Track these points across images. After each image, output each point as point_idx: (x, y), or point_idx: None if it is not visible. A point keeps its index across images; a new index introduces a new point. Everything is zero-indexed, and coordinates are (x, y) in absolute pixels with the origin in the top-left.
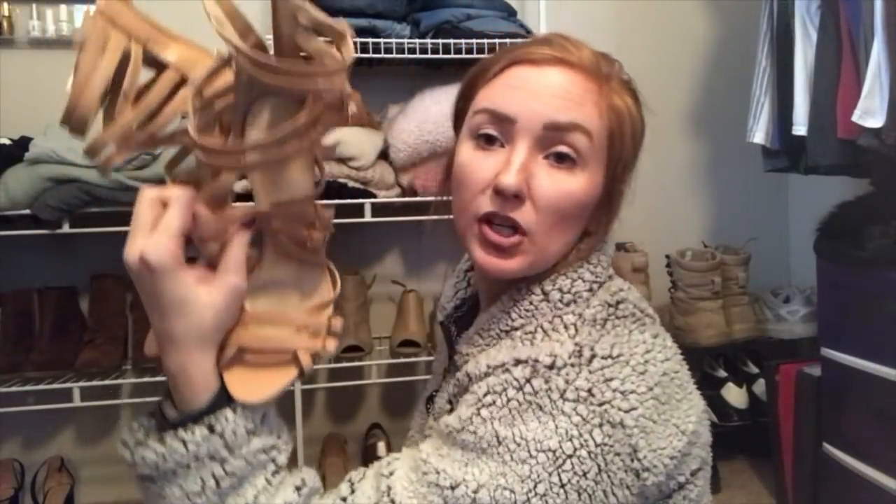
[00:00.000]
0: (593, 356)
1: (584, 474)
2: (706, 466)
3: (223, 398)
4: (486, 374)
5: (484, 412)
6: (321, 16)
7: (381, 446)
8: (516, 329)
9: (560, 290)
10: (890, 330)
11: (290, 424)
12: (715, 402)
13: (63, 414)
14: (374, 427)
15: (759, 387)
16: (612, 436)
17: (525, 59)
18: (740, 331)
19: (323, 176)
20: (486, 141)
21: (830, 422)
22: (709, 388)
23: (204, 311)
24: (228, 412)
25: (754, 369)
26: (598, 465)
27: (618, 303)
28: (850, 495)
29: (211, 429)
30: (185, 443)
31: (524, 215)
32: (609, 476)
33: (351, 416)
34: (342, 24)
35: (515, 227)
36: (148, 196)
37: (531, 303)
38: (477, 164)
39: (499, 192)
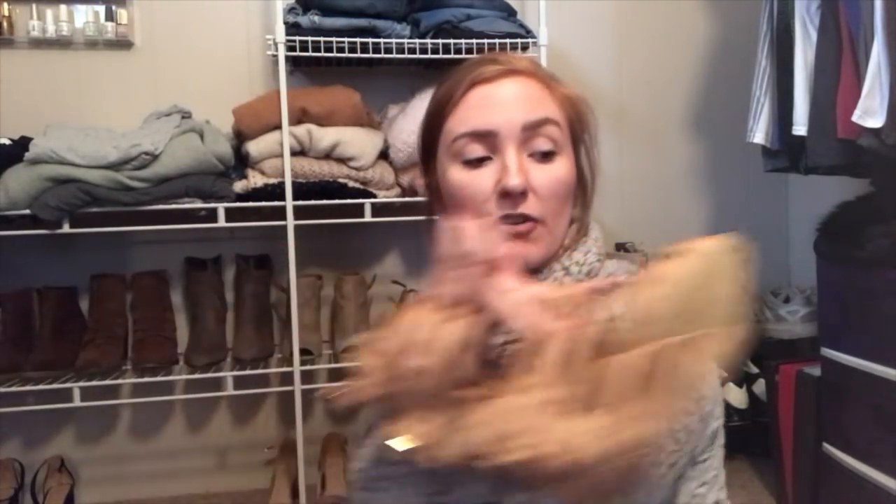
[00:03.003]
0: None
1: None
2: None
3: None
4: None
5: None
6: None
7: None
8: None
9: (577, 263)
10: (890, 330)
11: (290, 424)
12: None
13: (63, 414)
14: None
15: (759, 387)
16: None
17: (480, 79)
18: None
19: None
20: (477, 160)
21: (830, 422)
22: None
23: None
24: None
25: (754, 369)
26: None
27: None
28: (850, 495)
29: None
30: None
31: (532, 207)
32: None
33: (351, 416)
34: None
35: (526, 219)
36: None
37: (556, 279)
38: (472, 180)
39: (507, 194)
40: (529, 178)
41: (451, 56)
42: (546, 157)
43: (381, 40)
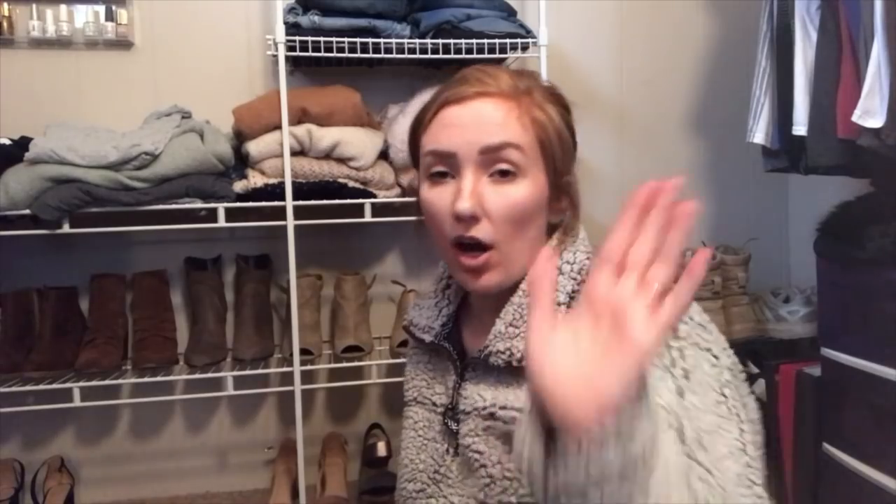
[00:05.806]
0: None
1: None
2: None
3: None
4: None
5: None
6: None
7: (381, 446)
8: None
9: (568, 262)
10: (890, 330)
11: (290, 424)
12: None
13: (63, 414)
14: (374, 427)
15: (759, 387)
16: None
17: (452, 99)
18: (740, 331)
19: None
20: (439, 176)
21: (830, 422)
22: None
23: None
24: None
25: (754, 369)
26: None
27: None
28: (850, 495)
29: None
30: None
31: (484, 232)
32: None
33: (351, 416)
34: None
35: (482, 246)
36: None
37: None
38: (436, 198)
39: (458, 217)
40: (483, 201)
41: (451, 56)
42: (504, 177)
43: (382, 40)
